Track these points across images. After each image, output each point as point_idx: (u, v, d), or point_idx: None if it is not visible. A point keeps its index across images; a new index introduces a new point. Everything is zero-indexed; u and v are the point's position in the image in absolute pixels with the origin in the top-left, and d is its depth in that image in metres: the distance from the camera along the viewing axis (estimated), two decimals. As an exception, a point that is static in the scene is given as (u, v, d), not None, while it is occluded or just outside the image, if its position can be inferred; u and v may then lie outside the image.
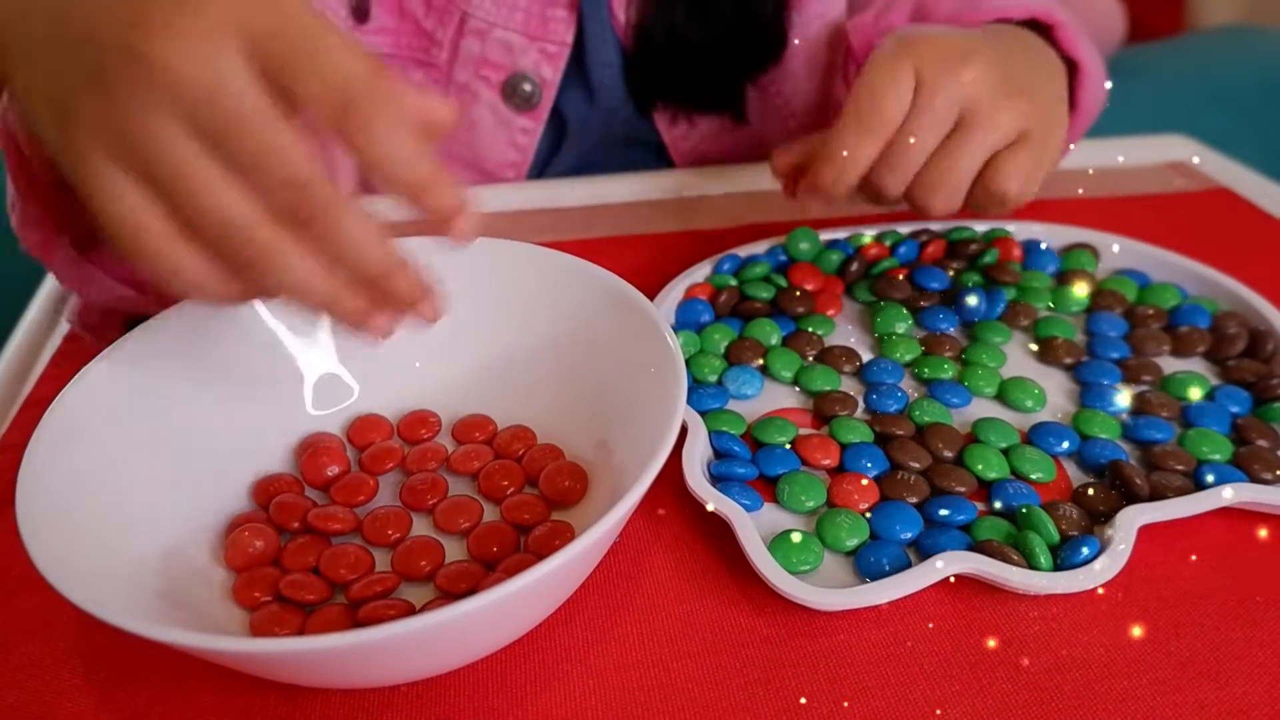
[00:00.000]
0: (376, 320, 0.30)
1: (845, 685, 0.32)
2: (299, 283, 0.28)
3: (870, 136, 0.44)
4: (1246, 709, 0.31)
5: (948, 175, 0.44)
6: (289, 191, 0.27)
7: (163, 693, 0.32)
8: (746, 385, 0.44)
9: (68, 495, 0.32)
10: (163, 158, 0.26)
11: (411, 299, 0.31)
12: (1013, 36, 0.49)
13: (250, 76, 0.26)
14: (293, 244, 0.28)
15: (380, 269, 0.29)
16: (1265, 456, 0.39)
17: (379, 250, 0.29)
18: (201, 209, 0.27)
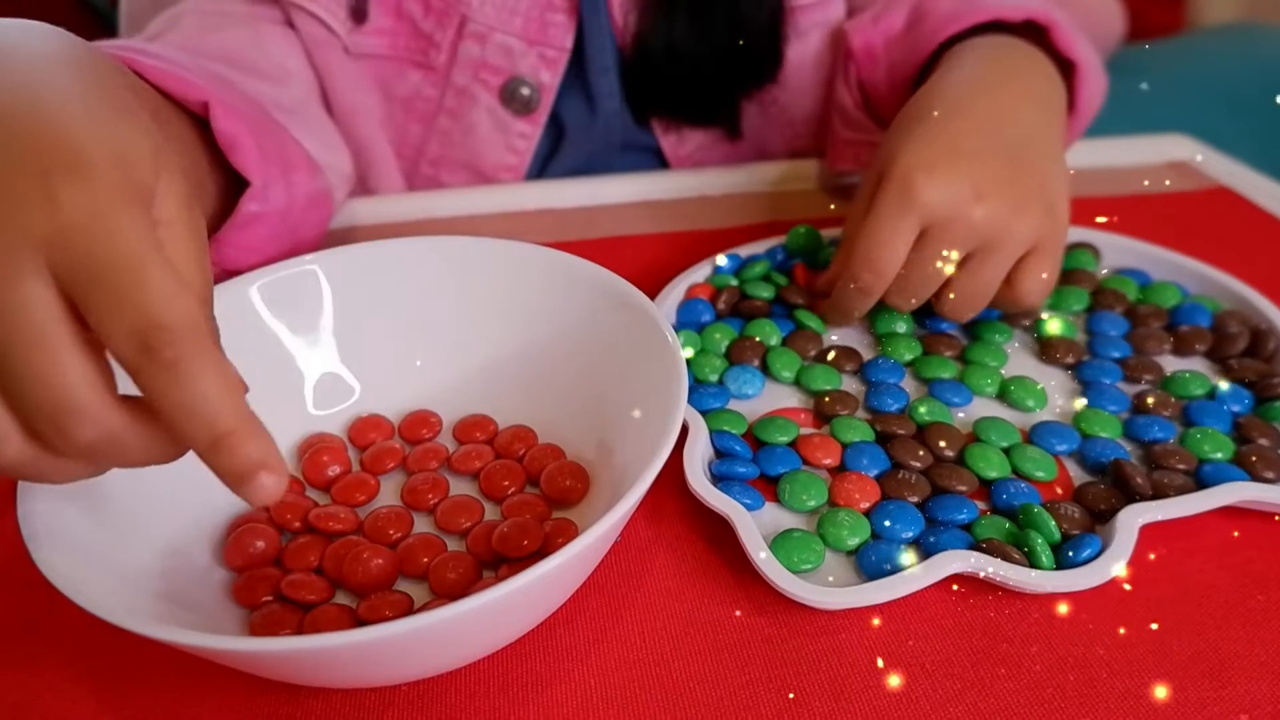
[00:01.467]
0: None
1: (847, 684, 0.32)
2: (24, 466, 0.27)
3: (867, 297, 0.43)
4: (1248, 708, 0.31)
5: (970, 299, 0.43)
6: (43, 420, 0.25)
7: (164, 692, 0.32)
8: (747, 385, 0.44)
9: (68, 495, 0.32)
10: None
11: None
12: (1014, 80, 0.47)
13: (41, 294, 0.25)
14: (29, 447, 0.26)
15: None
16: (1267, 455, 0.39)
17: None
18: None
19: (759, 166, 0.65)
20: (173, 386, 0.25)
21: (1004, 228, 0.42)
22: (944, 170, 0.41)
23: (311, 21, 0.58)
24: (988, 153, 0.43)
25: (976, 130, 0.44)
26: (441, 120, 0.62)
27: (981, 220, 0.41)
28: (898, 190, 0.41)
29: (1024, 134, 0.45)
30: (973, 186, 0.41)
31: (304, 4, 0.57)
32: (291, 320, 0.41)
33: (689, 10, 0.59)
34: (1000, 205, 0.41)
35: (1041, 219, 0.43)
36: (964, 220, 0.41)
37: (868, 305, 0.44)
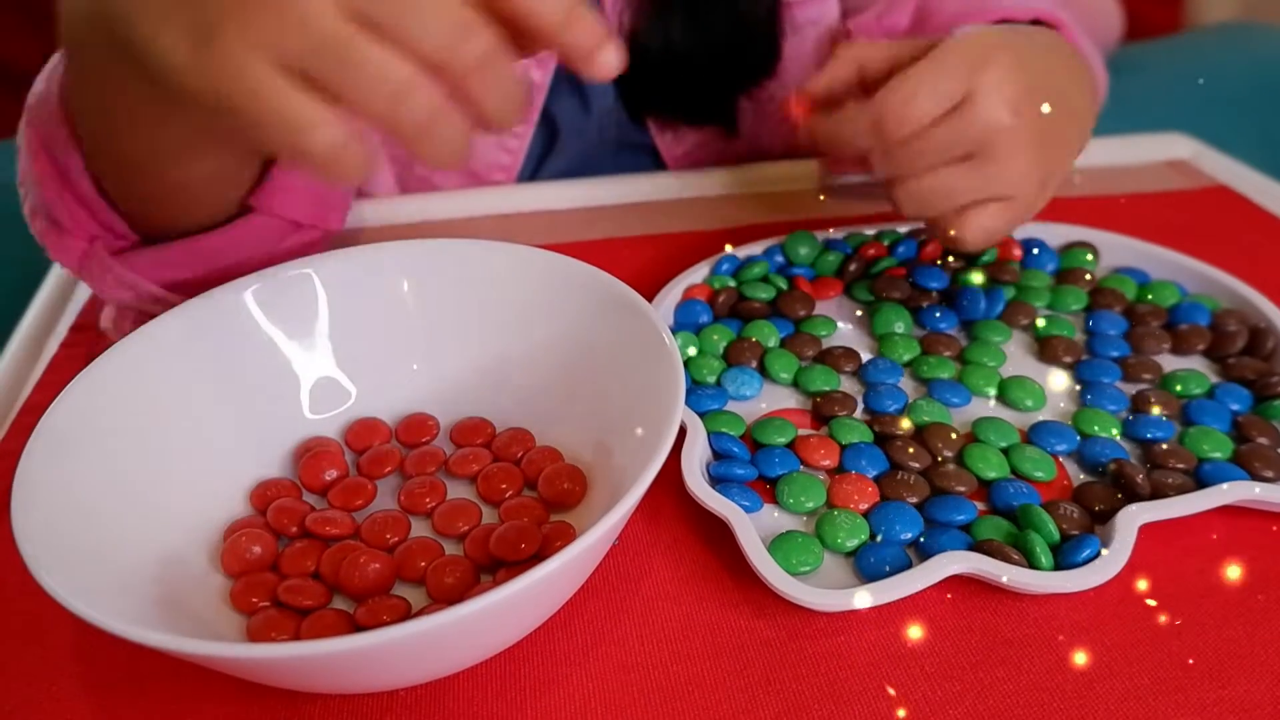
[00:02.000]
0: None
1: (846, 686, 0.32)
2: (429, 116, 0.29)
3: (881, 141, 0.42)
4: (1248, 708, 0.31)
5: (932, 196, 0.43)
6: (445, 40, 0.28)
7: (160, 699, 0.32)
8: (745, 386, 0.44)
9: (64, 501, 0.32)
10: (321, 48, 0.27)
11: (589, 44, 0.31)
12: (1068, 57, 0.47)
13: None
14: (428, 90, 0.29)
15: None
16: (1266, 454, 0.39)
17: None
18: (365, 85, 0.28)
19: (756, 167, 0.65)
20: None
21: (1010, 155, 0.42)
22: (1009, 66, 0.41)
23: None
24: (1041, 91, 0.43)
25: (1041, 69, 0.44)
26: None
27: (1006, 133, 0.41)
28: (970, 51, 0.41)
29: (1072, 105, 0.45)
30: (1019, 96, 0.41)
31: None
32: (287, 324, 0.41)
33: (686, 7, 0.58)
34: (1024, 136, 0.42)
35: (1037, 180, 0.43)
36: (995, 118, 0.41)
37: (860, 144, 0.43)
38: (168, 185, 0.42)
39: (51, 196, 0.43)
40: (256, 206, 0.44)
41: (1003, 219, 0.44)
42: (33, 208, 0.44)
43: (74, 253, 0.44)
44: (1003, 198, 0.43)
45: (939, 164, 0.42)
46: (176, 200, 0.43)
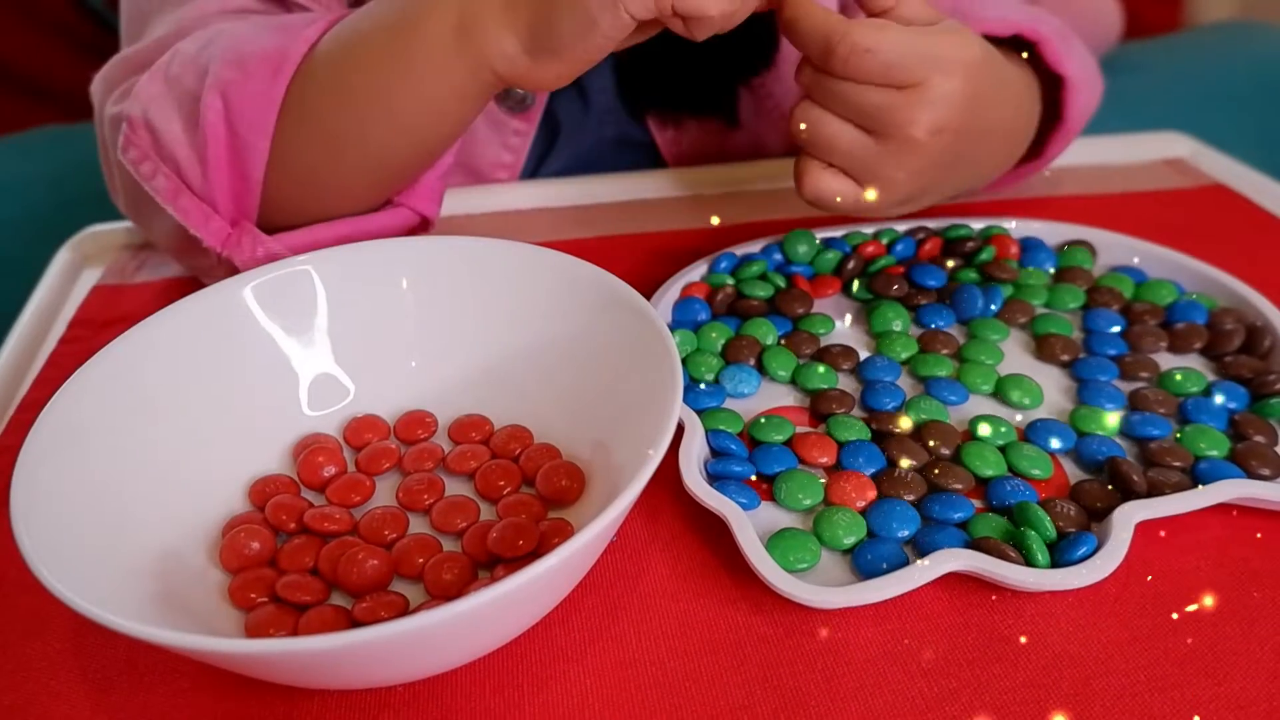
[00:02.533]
0: None
1: (843, 683, 0.32)
2: None
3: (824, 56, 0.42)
4: (1244, 705, 0.31)
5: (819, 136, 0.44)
6: None
7: (158, 694, 0.32)
8: (743, 384, 0.44)
9: (62, 497, 0.32)
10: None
11: None
12: (1008, 96, 0.48)
13: None
14: None
15: None
16: (1262, 452, 0.39)
17: None
18: None
19: (754, 165, 0.65)
20: None
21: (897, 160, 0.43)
22: (963, 94, 0.42)
23: None
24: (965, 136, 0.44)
25: (984, 114, 0.45)
26: None
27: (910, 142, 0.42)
28: (952, 51, 0.42)
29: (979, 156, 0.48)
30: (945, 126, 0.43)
31: (305, 3, 0.57)
32: (286, 321, 0.41)
33: None
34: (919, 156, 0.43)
35: (899, 195, 0.45)
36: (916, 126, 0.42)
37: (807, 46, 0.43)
38: (378, 157, 0.48)
39: (217, 174, 0.47)
40: (399, 201, 0.51)
41: (844, 195, 0.45)
42: (175, 186, 0.47)
43: (221, 232, 0.47)
44: (860, 181, 0.44)
45: (845, 115, 0.43)
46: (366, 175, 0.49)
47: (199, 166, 0.47)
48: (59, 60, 1.01)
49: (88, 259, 0.59)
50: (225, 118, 0.46)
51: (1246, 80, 0.95)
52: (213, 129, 0.46)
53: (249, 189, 0.47)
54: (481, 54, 0.43)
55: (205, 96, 0.46)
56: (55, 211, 0.76)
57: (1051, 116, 0.53)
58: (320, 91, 0.46)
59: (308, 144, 0.47)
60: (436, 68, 0.44)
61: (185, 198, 0.47)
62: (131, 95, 0.48)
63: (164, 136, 0.47)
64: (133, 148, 0.48)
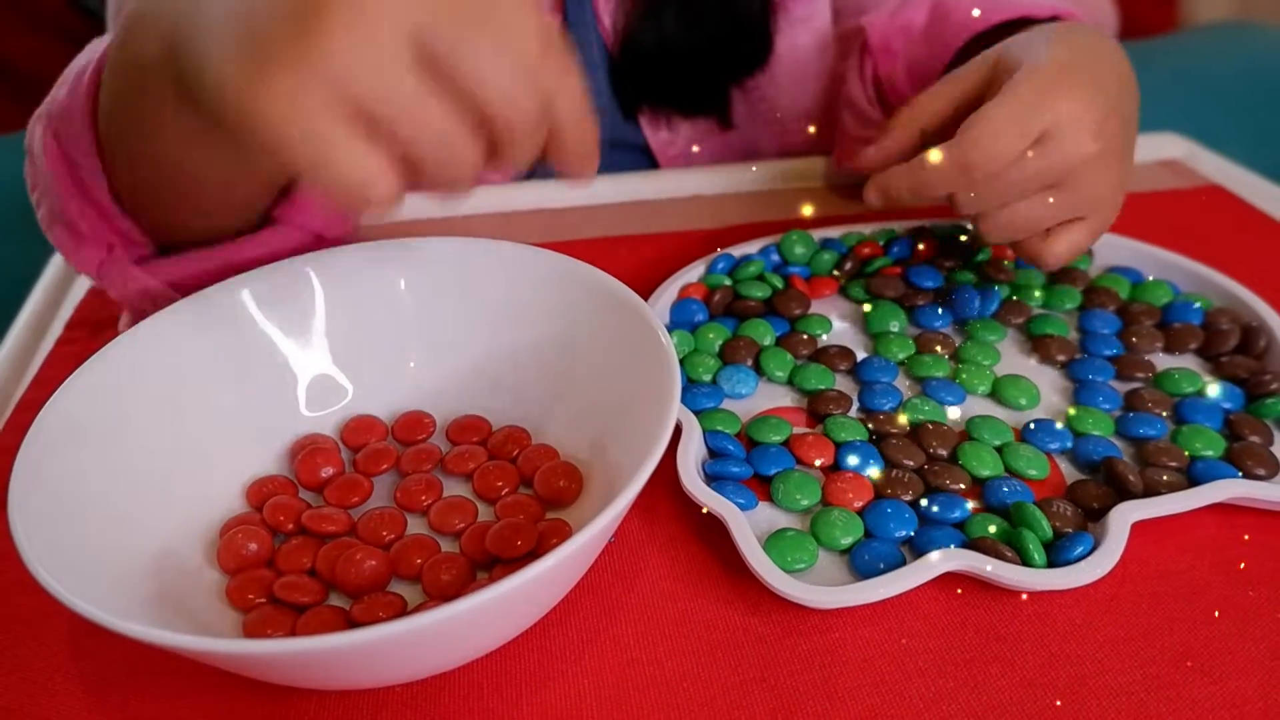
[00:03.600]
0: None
1: (840, 683, 0.32)
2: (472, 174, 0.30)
3: (966, 179, 0.42)
4: (1239, 704, 0.31)
5: (1018, 224, 0.43)
6: (498, 103, 0.29)
7: (156, 695, 0.32)
8: (741, 384, 0.44)
9: (60, 497, 0.32)
10: (390, 94, 0.27)
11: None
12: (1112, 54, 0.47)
13: None
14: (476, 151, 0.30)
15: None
16: (1257, 452, 0.39)
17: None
18: (420, 136, 0.28)
19: (751, 166, 0.65)
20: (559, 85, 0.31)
21: (1095, 179, 0.42)
22: (1086, 92, 0.41)
23: None
24: (1115, 110, 0.43)
25: (1109, 85, 0.43)
26: None
27: (1090, 160, 0.42)
28: (1045, 82, 0.41)
29: (1130, 113, 0.45)
30: (1098, 123, 0.41)
31: None
32: (284, 322, 0.41)
33: (679, 3, 0.58)
34: (1106, 159, 0.42)
35: (1115, 192, 0.44)
36: (1081, 151, 0.41)
37: (936, 193, 0.43)
38: (195, 197, 0.42)
39: (68, 205, 0.42)
40: (280, 219, 0.44)
41: (1088, 235, 0.45)
42: (50, 215, 0.44)
43: (92, 261, 0.44)
44: (1086, 216, 0.44)
45: (1025, 195, 0.43)
46: (201, 211, 0.43)
47: (53, 190, 0.43)
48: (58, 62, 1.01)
49: (84, 261, 0.59)
50: (55, 136, 0.42)
51: (1242, 81, 0.95)
52: (49, 150, 0.42)
53: (105, 213, 0.43)
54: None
55: (42, 116, 0.43)
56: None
57: None
58: (105, 119, 0.40)
59: (125, 175, 0.42)
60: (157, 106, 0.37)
61: (59, 226, 0.44)
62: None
63: (39, 163, 0.43)
64: (28, 178, 0.45)
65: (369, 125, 0.27)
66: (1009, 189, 0.42)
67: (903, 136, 0.47)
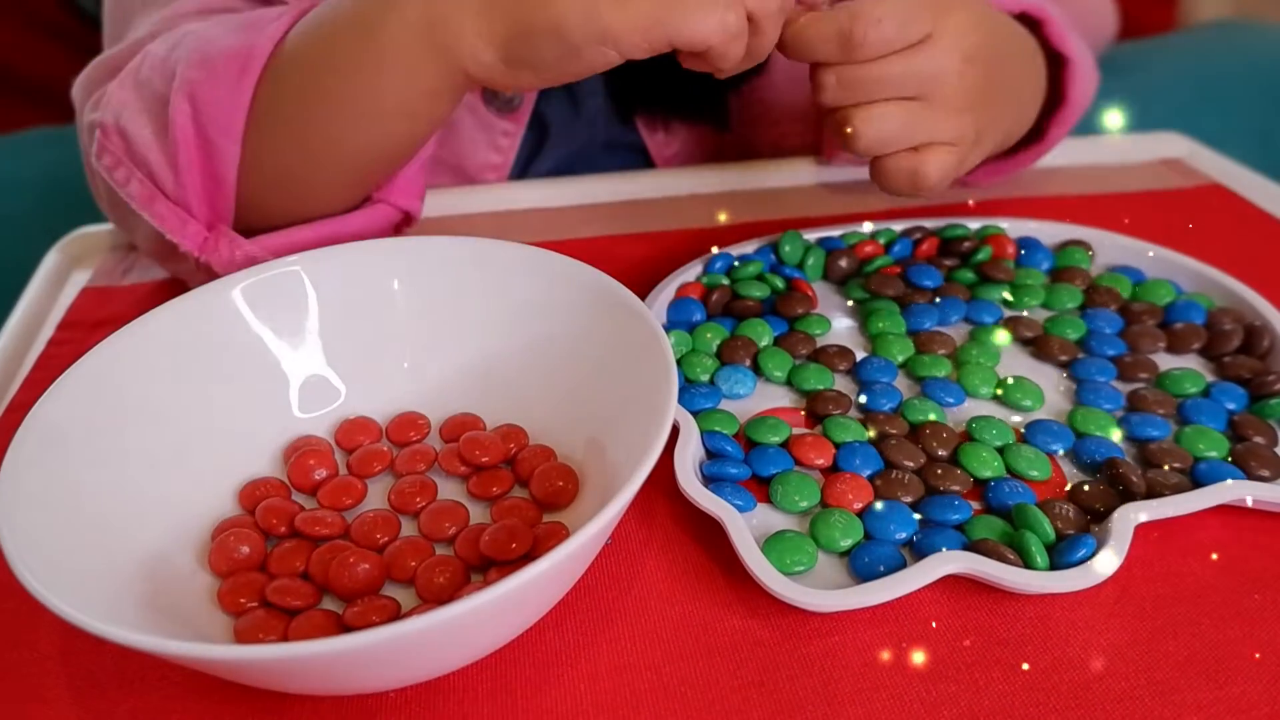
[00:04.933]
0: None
1: (840, 687, 0.31)
2: None
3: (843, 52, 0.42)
4: (1245, 708, 0.31)
5: (889, 129, 0.43)
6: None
7: (146, 701, 0.32)
8: (739, 384, 0.43)
9: (49, 500, 0.31)
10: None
11: None
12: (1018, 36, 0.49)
13: None
14: None
15: None
16: (1262, 453, 0.39)
17: None
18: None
19: (749, 165, 0.64)
20: None
21: (954, 102, 0.44)
22: (973, 17, 0.43)
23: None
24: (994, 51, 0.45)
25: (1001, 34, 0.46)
26: None
27: (955, 79, 0.43)
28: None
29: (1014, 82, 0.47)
30: (976, 50, 0.43)
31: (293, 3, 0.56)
32: (276, 322, 0.41)
33: None
34: (969, 86, 0.43)
35: (973, 133, 0.45)
36: (949, 63, 0.43)
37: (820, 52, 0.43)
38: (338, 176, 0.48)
39: (189, 180, 0.46)
40: (379, 198, 0.51)
41: (955, 161, 0.45)
42: (146, 191, 0.47)
43: (198, 236, 0.47)
44: (946, 144, 0.44)
45: (889, 98, 0.43)
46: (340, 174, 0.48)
47: (171, 171, 0.46)
48: (52, 62, 1.01)
49: (77, 260, 0.59)
50: (194, 120, 0.45)
51: (1242, 80, 0.95)
52: (182, 132, 0.45)
53: (223, 192, 0.47)
54: (454, 57, 0.42)
55: (173, 100, 0.45)
56: (48, 213, 0.75)
57: (1053, 101, 0.53)
58: (289, 93, 0.45)
59: (279, 146, 0.46)
60: (406, 69, 0.43)
61: (160, 203, 0.47)
62: (104, 101, 0.48)
63: (136, 142, 0.46)
64: (107, 154, 0.47)
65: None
66: (877, 85, 0.43)
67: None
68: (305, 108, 0.45)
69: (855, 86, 0.43)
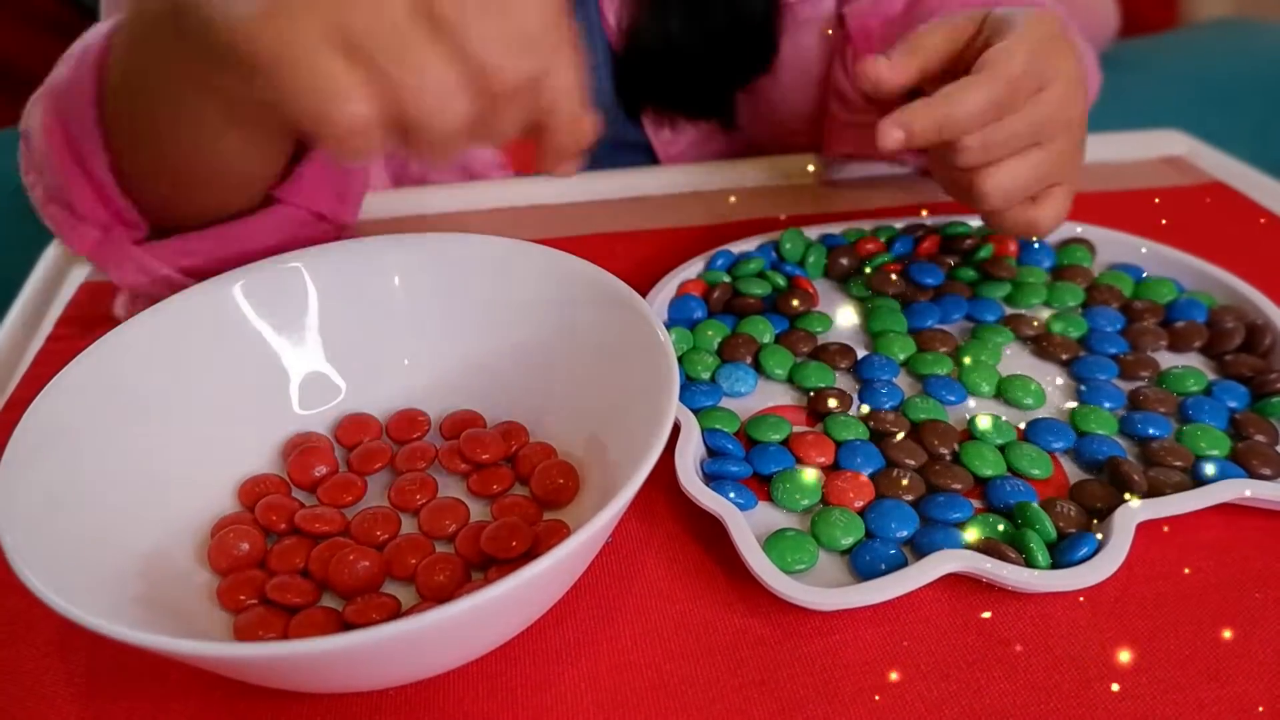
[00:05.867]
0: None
1: (841, 686, 0.31)
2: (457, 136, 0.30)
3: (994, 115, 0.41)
4: (1246, 707, 0.31)
5: (1018, 183, 0.43)
6: (505, 49, 0.29)
7: (145, 698, 0.32)
8: (740, 382, 0.43)
9: (49, 496, 0.31)
10: (383, 33, 0.28)
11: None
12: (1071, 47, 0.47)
13: None
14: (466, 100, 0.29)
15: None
16: (1263, 452, 0.39)
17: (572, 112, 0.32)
18: (414, 81, 0.28)
19: (751, 162, 0.64)
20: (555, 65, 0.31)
21: (1066, 140, 0.43)
22: (1071, 58, 0.43)
23: None
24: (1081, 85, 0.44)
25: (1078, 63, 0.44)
26: None
27: (1072, 120, 0.43)
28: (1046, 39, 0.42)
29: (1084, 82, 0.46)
30: (1080, 89, 0.43)
31: None
32: (276, 319, 0.41)
33: (684, 4, 0.58)
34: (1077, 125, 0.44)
35: (1076, 166, 0.45)
36: (1066, 107, 0.42)
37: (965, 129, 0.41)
38: (200, 168, 0.43)
39: (67, 181, 0.43)
40: (281, 198, 0.46)
41: (1066, 201, 0.45)
42: (45, 194, 0.45)
43: (89, 240, 0.44)
44: (1061, 182, 0.44)
45: (1016, 150, 0.43)
46: (206, 184, 0.44)
47: (59, 175, 0.43)
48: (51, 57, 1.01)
49: (75, 256, 0.59)
50: (56, 114, 0.43)
51: (1243, 78, 0.95)
52: (49, 128, 0.43)
53: (103, 192, 0.43)
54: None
55: (43, 102, 0.43)
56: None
57: None
58: (120, 100, 0.41)
59: (126, 149, 0.43)
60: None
61: (53, 206, 0.45)
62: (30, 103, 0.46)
63: (36, 141, 0.44)
64: (24, 159, 0.46)
65: (364, 63, 0.28)
66: (1012, 138, 0.42)
67: (903, 66, 0.44)
68: (130, 108, 0.41)
69: (994, 148, 0.42)
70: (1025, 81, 0.41)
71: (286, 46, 0.28)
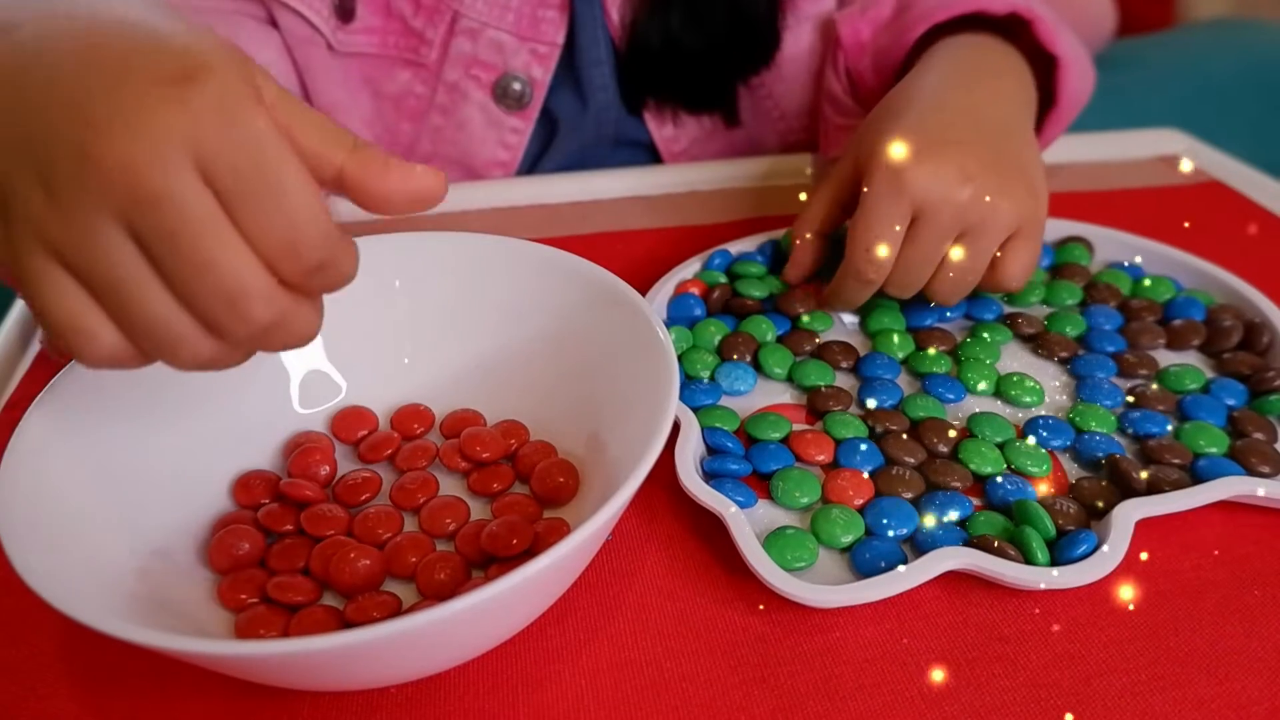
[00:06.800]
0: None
1: (841, 683, 0.31)
2: (203, 363, 0.28)
3: (868, 287, 0.44)
4: (1245, 704, 0.31)
5: (960, 282, 0.44)
6: (220, 306, 0.27)
7: (146, 697, 0.32)
8: (739, 381, 0.43)
9: (49, 496, 0.31)
10: (100, 260, 0.26)
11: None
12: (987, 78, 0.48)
13: (198, 187, 0.25)
14: (207, 342, 0.28)
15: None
16: (1261, 449, 0.39)
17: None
18: (131, 313, 0.26)
19: (750, 161, 0.64)
20: (321, 282, 0.29)
21: (991, 209, 0.42)
22: (930, 157, 0.42)
23: (294, 19, 0.57)
24: (969, 140, 0.44)
25: (955, 122, 0.45)
26: (433, 117, 0.62)
27: (969, 202, 0.42)
28: (887, 181, 0.42)
29: (1001, 124, 0.46)
30: (959, 170, 0.42)
31: (288, 1, 0.56)
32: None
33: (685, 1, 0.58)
34: (986, 186, 0.42)
35: (1024, 200, 0.43)
36: (953, 203, 0.42)
37: (867, 295, 0.45)
38: None
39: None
40: None
41: (1028, 247, 0.44)
42: None
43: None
44: (1018, 229, 0.44)
45: (936, 260, 0.43)
46: None
47: None
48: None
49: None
50: None
51: (1241, 77, 0.95)
52: None
53: None
54: None
55: None
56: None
57: (1045, 102, 0.53)
58: None
59: None
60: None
61: None
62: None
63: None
64: None
65: (96, 294, 0.26)
66: (924, 266, 0.43)
67: (806, 248, 0.48)
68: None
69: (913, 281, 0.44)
70: (883, 243, 0.42)
71: (18, 267, 0.26)
